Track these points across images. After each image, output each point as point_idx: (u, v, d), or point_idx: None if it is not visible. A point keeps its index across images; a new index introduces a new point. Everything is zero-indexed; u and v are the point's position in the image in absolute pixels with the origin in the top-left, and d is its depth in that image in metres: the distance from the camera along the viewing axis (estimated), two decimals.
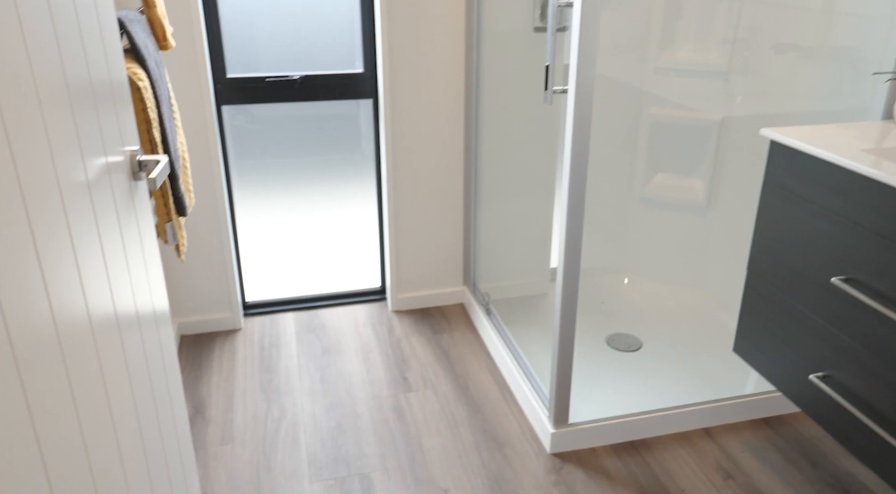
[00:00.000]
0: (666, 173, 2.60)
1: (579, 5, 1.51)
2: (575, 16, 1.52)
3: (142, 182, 1.09)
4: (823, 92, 1.99)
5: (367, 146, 2.56)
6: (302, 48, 2.34)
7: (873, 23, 1.81)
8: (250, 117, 2.41)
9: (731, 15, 2.27)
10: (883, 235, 1.38)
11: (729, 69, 2.32)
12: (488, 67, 2.37)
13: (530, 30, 2.34)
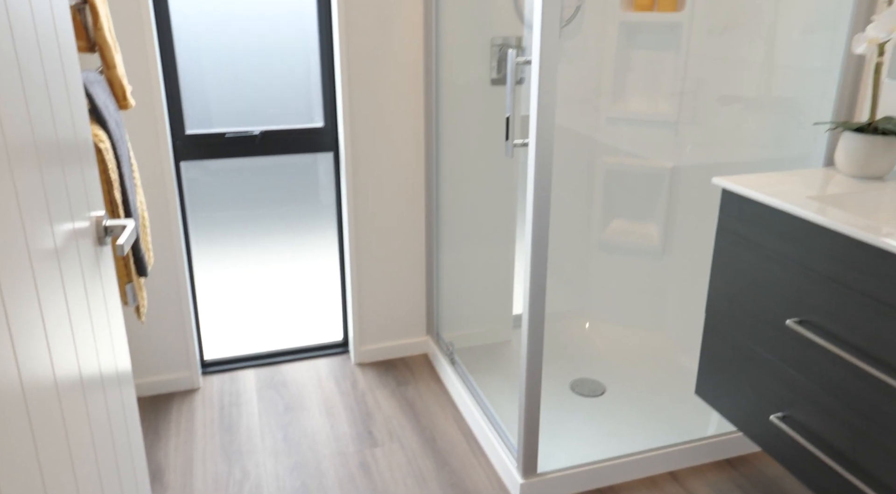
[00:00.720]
0: (622, 219, 2.67)
1: (537, 63, 1.57)
2: (533, 73, 1.58)
3: (107, 247, 1.07)
4: (768, 141, 2.08)
5: (326, 197, 2.56)
6: (261, 103, 2.36)
7: (810, 75, 1.92)
8: (206, 170, 2.39)
9: (678, 68, 2.38)
10: (833, 278, 1.44)
11: (678, 119, 2.42)
12: (447, 118, 2.42)
13: (487, 82, 2.40)
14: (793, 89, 1.98)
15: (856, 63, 1.76)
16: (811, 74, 1.91)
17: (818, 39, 1.89)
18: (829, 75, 1.85)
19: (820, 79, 1.89)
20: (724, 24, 2.17)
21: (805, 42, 1.93)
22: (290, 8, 2.30)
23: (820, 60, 1.88)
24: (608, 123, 2.54)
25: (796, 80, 1.97)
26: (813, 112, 1.92)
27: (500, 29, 2.35)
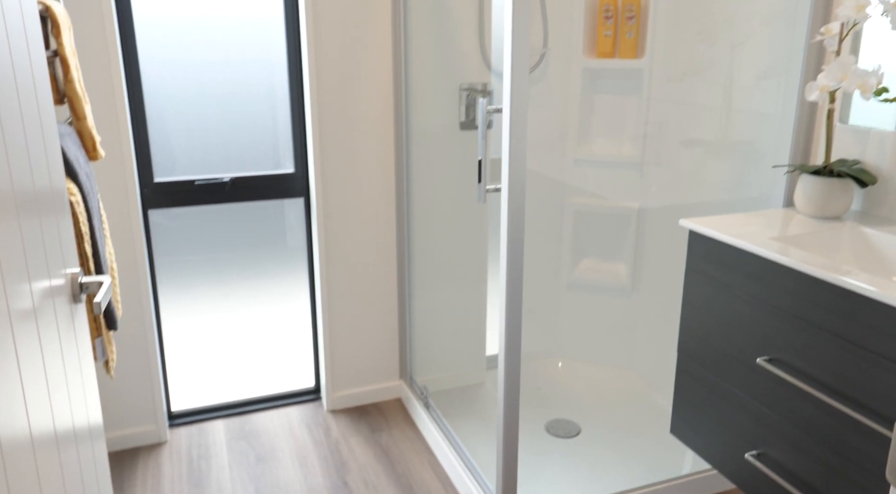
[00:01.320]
0: (591, 259, 2.71)
1: (508, 112, 1.61)
2: (505, 121, 1.62)
3: (81, 304, 1.05)
4: (730, 182, 2.15)
5: (297, 240, 2.55)
6: (232, 150, 2.36)
7: (766, 119, 2.00)
8: (175, 215, 2.37)
9: (640, 112, 2.46)
10: (798, 316, 1.48)
11: (642, 161, 2.49)
12: (418, 162, 2.45)
13: (456, 127, 2.45)
14: (751, 133, 2.06)
15: (809, 109, 1.84)
16: (767, 119, 2.00)
17: (772, 85, 1.97)
18: (784, 119, 1.94)
19: (775, 123, 1.97)
20: (683, 70, 2.26)
21: (760, 88, 2.02)
22: (260, 54, 2.32)
23: (774, 105, 1.97)
24: (575, 165, 2.60)
25: (753, 124, 2.05)
26: (771, 154, 2.00)
27: (467, 75, 2.40)
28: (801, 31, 1.85)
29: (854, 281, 1.34)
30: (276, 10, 2.29)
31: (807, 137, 1.87)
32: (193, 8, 2.21)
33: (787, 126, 1.92)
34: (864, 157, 1.75)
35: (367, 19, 2.29)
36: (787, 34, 1.92)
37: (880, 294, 1.28)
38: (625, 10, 2.35)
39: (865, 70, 1.56)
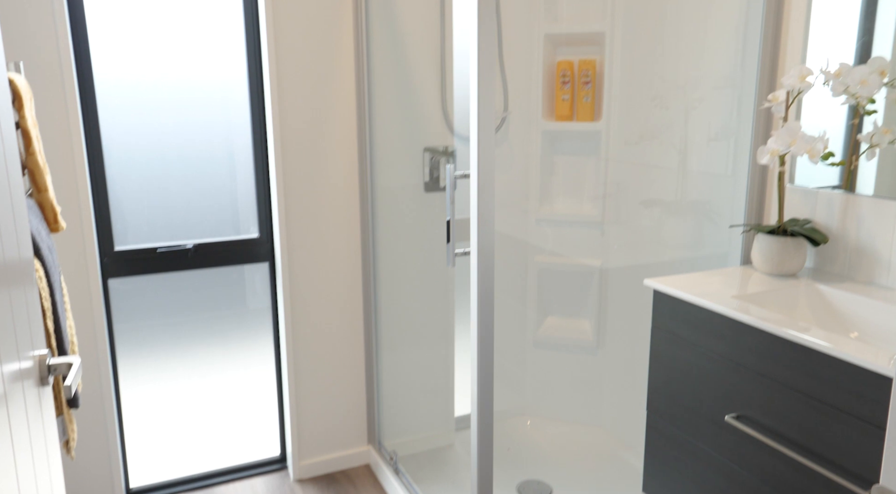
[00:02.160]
0: (556, 316, 2.74)
1: (475, 177, 1.64)
2: (472, 186, 1.65)
3: (49, 387, 1.02)
4: (689, 241, 2.22)
5: (261, 304, 2.52)
6: (195, 216, 2.34)
7: (720, 180, 2.08)
8: (135, 281, 2.32)
9: (599, 173, 2.53)
10: (762, 374, 1.52)
11: (603, 220, 2.55)
12: (383, 224, 2.46)
13: (421, 188, 2.48)
14: (706, 193, 2.14)
15: (760, 170, 1.93)
16: (721, 179, 2.08)
17: (723, 147, 2.06)
18: (737, 180, 2.02)
19: (729, 183, 2.05)
20: (640, 133, 2.35)
21: (712, 150, 2.11)
22: (223, 118, 2.33)
23: (727, 167, 2.06)
24: (538, 224, 2.65)
25: (708, 184, 2.13)
26: (727, 213, 2.07)
27: (430, 137, 2.45)
28: (750, 95, 1.95)
29: (812, 338, 1.38)
30: (240, 73, 2.32)
31: (759, 197, 1.95)
32: (155, 72, 2.22)
33: (740, 186, 2.00)
34: (814, 216, 1.83)
35: (331, 82, 2.33)
36: (736, 99, 2.02)
37: (838, 351, 1.33)
38: (581, 75, 2.45)
39: (812, 136, 1.65)
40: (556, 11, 2.47)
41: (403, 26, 2.39)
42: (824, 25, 1.81)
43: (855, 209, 1.75)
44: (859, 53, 1.75)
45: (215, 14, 2.26)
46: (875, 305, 1.60)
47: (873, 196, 1.71)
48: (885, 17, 1.72)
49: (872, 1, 1.75)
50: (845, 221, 1.77)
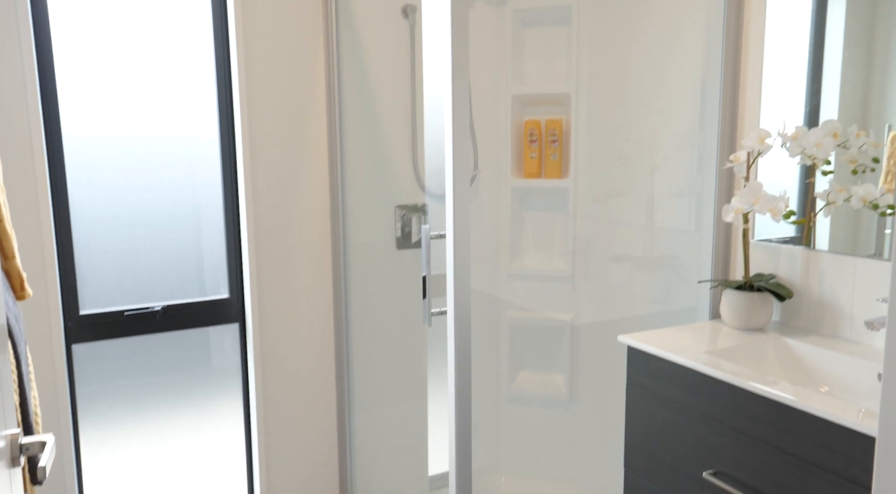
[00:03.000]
0: (528, 371, 2.74)
1: (452, 239, 1.66)
2: (448, 247, 1.66)
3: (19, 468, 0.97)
4: (658, 296, 2.26)
5: (230, 364, 2.47)
6: (163, 277, 2.30)
7: (686, 236, 2.14)
8: (100, 346, 2.26)
9: (568, 228, 2.58)
10: (737, 429, 1.54)
11: (573, 274, 2.59)
12: (355, 281, 2.45)
13: (393, 246, 2.49)
14: (673, 249, 2.20)
15: (725, 227, 1.99)
16: (686, 235, 2.14)
17: (689, 204, 2.13)
18: (702, 236, 2.08)
19: (694, 239, 2.11)
20: (608, 191, 2.41)
21: (678, 206, 2.17)
22: (194, 177, 2.32)
23: (693, 223, 2.12)
24: (509, 279, 2.67)
25: (675, 240, 2.19)
26: (694, 268, 2.13)
27: (402, 195, 2.48)
28: (710, 154, 2.03)
29: (781, 392, 1.41)
30: (211, 130, 2.32)
31: (725, 252, 2.01)
32: (126, 129, 2.21)
33: (705, 242, 2.06)
34: (778, 271, 1.89)
35: (303, 139, 2.35)
36: (697, 157, 2.09)
37: (806, 405, 1.36)
38: (548, 134, 2.52)
39: (774, 196, 1.72)
40: (523, 73, 2.55)
41: (375, 86, 2.44)
42: (777, 89, 1.91)
43: (816, 265, 1.81)
44: (809, 116, 1.84)
45: (188, 71, 2.28)
46: (840, 358, 1.65)
47: (831, 252, 1.78)
48: (830, 84, 1.82)
49: (818, 68, 1.86)
50: (807, 276, 1.83)
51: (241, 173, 2.27)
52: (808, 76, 1.88)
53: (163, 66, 2.24)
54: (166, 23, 2.23)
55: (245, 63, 2.23)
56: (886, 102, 1.74)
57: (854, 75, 1.79)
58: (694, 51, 2.11)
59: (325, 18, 2.33)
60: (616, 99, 2.39)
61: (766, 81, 1.93)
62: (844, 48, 1.82)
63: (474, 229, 2.66)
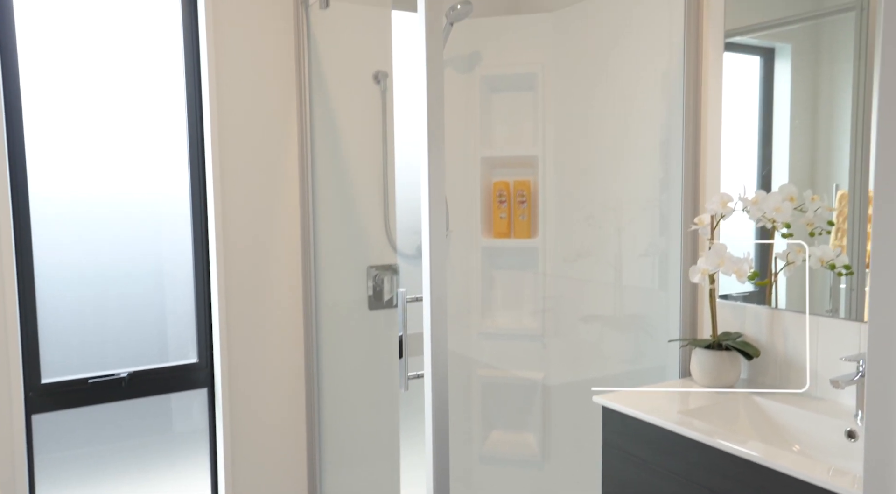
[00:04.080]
0: (500, 430, 2.73)
1: (429, 303, 1.67)
2: (426, 313, 1.67)
3: None
4: (628, 354, 2.30)
5: (195, 428, 2.40)
6: (130, 342, 2.25)
7: (655, 295, 2.20)
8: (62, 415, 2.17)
9: (538, 287, 2.62)
10: (712, 489, 1.56)
11: (543, 333, 2.61)
12: (327, 342, 2.43)
13: (365, 307, 2.48)
14: (641, 308, 2.25)
15: (692, 286, 2.05)
16: (655, 294, 2.19)
17: (656, 264, 2.19)
18: (669, 294, 2.13)
19: (661, 298, 2.17)
20: (577, 251, 2.47)
21: (644, 266, 2.23)
22: (163, 240, 2.30)
23: (660, 282, 2.18)
24: (480, 338, 2.68)
25: (643, 299, 2.24)
26: (662, 327, 2.17)
27: (374, 255, 2.49)
28: (674, 215, 2.10)
29: (753, 452, 1.44)
30: (181, 192, 2.31)
31: (692, 311, 2.06)
32: (94, 190, 2.19)
33: (673, 301, 2.11)
34: (744, 329, 1.95)
35: (275, 202, 2.35)
36: (661, 218, 2.17)
37: (778, 464, 1.39)
38: (516, 195, 2.57)
39: (738, 257, 1.78)
40: (491, 137, 2.62)
41: (347, 148, 2.47)
42: (734, 153, 2.01)
43: (779, 323, 1.87)
44: (763, 180, 1.95)
45: (160, 131, 2.28)
46: (808, 415, 1.69)
47: (793, 311, 1.85)
48: (780, 148, 1.93)
49: (769, 133, 1.97)
50: (772, 334, 1.89)
51: (213, 235, 2.26)
52: (759, 141, 1.99)
53: (135, 126, 2.24)
54: (139, 83, 2.24)
55: (218, 124, 2.24)
56: (833, 163, 1.85)
57: (802, 140, 1.90)
58: (655, 115, 2.21)
59: (298, 82, 2.37)
60: (581, 161, 2.47)
61: (724, 145, 2.02)
62: (792, 115, 1.94)
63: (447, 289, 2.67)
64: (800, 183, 1.88)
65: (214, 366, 2.33)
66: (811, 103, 1.92)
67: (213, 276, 2.27)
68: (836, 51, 1.89)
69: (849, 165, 1.82)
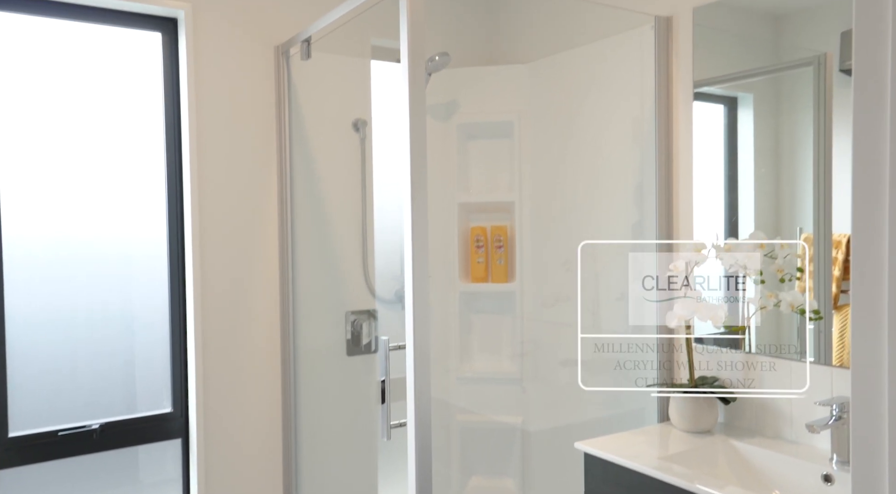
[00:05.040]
0: (479, 476, 2.71)
1: (412, 348, 1.68)
2: (409, 363, 1.68)
3: None
4: (607, 399, 2.32)
5: (167, 478, 2.33)
6: (102, 392, 2.19)
7: (630, 339, 2.22)
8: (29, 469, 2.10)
9: (516, 331, 2.64)
10: None
11: (522, 377, 2.62)
12: (305, 390, 2.41)
13: (343, 352, 2.47)
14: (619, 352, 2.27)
15: (668, 331, 2.09)
16: (632, 339, 2.22)
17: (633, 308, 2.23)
18: (647, 339, 2.17)
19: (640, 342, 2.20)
20: (554, 295, 2.50)
21: (621, 311, 2.26)
22: (136, 288, 2.27)
23: (635, 327, 2.21)
24: (459, 382, 2.68)
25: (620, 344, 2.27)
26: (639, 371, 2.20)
27: (353, 301, 2.48)
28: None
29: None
30: (159, 240, 2.29)
31: (669, 356, 2.10)
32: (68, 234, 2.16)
33: (650, 345, 2.14)
34: (720, 374, 1.99)
35: (254, 249, 2.34)
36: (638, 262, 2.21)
37: None
38: (494, 240, 2.61)
39: (714, 304, 1.83)
40: (469, 183, 2.67)
41: (326, 194, 2.49)
42: (705, 200, 2.08)
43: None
44: (730, 226, 2.02)
45: (138, 174, 2.27)
46: (785, 459, 1.72)
47: (766, 355, 1.89)
48: (745, 198, 2.01)
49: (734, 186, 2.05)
50: (747, 378, 1.93)
51: (190, 280, 2.24)
52: (725, 186, 2.07)
53: (113, 169, 2.23)
54: (118, 125, 2.23)
55: (198, 169, 2.24)
56: (796, 208, 1.93)
57: (767, 185, 1.98)
58: (628, 161, 2.27)
59: (278, 128, 2.39)
60: (558, 206, 2.52)
61: (696, 190, 2.09)
62: (756, 162, 2.03)
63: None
64: (766, 227, 1.95)
65: (189, 415, 2.28)
66: (774, 150, 2.01)
67: (190, 321, 2.24)
68: (795, 101, 1.98)
69: (812, 209, 1.89)
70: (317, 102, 2.44)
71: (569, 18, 2.52)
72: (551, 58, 2.55)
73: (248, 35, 2.32)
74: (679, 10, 2.11)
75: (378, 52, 2.49)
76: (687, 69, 2.10)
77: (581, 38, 2.43)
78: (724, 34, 2.12)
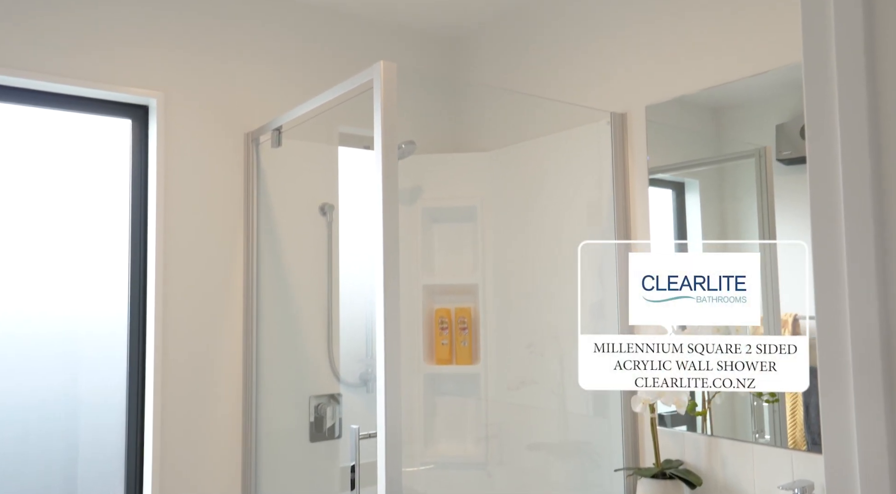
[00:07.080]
0: None
1: (384, 435, 1.67)
2: (380, 448, 1.67)
3: None
4: (575, 483, 2.32)
5: None
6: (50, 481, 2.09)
7: (598, 422, 2.25)
8: None
9: (481, 414, 2.63)
10: None
11: (487, 461, 2.60)
12: (266, 477, 2.33)
13: (306, 438, 2.42)
14: (588, 435, 2.30)
15: (633, 415, 2.13)
16: (598, 421, 2.25)
17: (596, 392, 2.26)
18: (611, 423, 2.20)
19: (605, 425, 2.23)
20: (521, 378, 2.52)
21: (586, 395, 2.30)
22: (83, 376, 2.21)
23: (601, 411, 2.24)
24: (423, 469, 2.64)
25: (586, 427, 2.30)
26: (606, 455, 2.22)
27: (317, 385, 2.46)
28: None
29: None
30: (119, 327, 2.24)
31: (634, 439, 2.13)
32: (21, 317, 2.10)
33: (615, 429, 2.17)
34: (684, 456, 2.02)
35: (217, 330, 2.32)
36: None
37: None
38: (458, 322, 2.64)
39: (677, 390, 1.88)
40: (433, 265, 2.71)
41: (292, 277, 2.49)
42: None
43: (717, 451, 1.95)
44: None
45: (99, 256, 2.24)
46: None
47: (728, 438, 1.94)
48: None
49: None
50: (711, 462, 1.96)
51: (150, 363, 2.19)
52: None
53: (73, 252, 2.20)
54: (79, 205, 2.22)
55: (163, 250, 2.23)
56: None
57: None
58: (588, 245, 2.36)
59: (245, 211, 2.41)
60: (520, 289, 2.58)
61: None
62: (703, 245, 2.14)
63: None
64: None
65: None
66: (720, 231, 2.14)
67: (149, 404, 2.18)
68: (737, 188, 2.13)
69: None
70: (285, 187, 2.48)
71: (529, 112, 2.66)
72: (513, 147, 2.67)
73: (218, 123, 2.37)
74: (633, 107, 2.26)
75: (345, 139, 2.56)
76: (642, 158, 2.23)
77: (541, 130, 2.56)
78: (673, 129, 2.28)
